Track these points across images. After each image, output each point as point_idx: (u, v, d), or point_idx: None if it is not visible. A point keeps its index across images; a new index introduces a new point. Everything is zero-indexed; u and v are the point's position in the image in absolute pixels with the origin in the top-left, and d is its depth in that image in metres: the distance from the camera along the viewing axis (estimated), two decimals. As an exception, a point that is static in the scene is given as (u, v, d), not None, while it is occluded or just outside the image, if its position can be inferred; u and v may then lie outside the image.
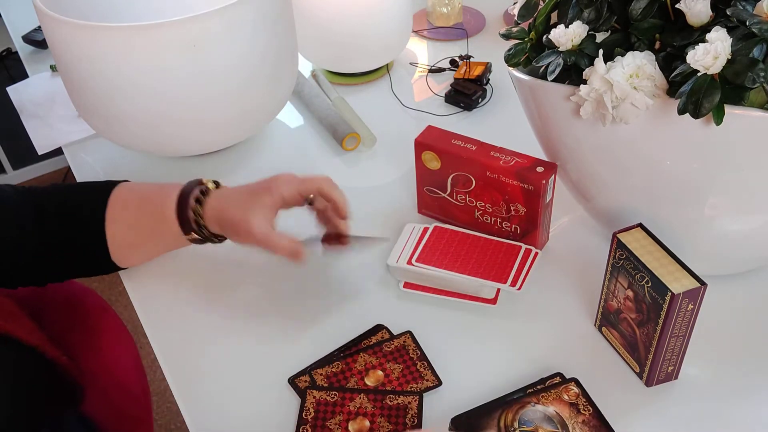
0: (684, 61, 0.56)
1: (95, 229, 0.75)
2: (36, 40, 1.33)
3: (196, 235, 0.75)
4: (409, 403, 0.67)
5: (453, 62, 1.16)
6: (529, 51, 0.71)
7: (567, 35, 0.64)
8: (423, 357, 0.72)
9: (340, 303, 0.80)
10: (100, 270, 0.78)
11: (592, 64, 0.62)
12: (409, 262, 0.78)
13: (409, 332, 0.74)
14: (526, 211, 0.79)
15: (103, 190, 0.77)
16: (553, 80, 0.66)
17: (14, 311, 0.75)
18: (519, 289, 0.75)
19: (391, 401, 0.67)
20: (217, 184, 0.77)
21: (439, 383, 0.69)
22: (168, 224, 0.75)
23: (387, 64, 1.17)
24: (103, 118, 0.91)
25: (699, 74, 0.56)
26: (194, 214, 0.74)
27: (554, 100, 0.68)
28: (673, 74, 0.58)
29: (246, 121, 0.96)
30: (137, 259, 0.81)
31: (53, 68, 1.26)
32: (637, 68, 0.59)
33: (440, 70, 1.16)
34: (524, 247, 0.79)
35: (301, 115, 1.11)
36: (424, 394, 0.68)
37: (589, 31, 0.65)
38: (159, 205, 0.75)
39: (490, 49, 1.19)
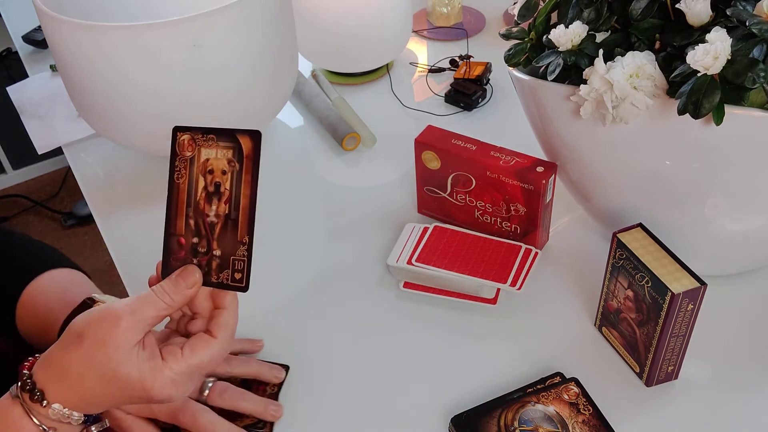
0: (684, 61, 0.56)
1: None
2: (36, 40, 1.33)
3: None
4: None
5: (453, 62, 1.16)
6: (529, 51, 0.71)
7: (567, 35, 0.64)
8: None
9: (340, 303, 0.80)
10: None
11: (592, 64, 0.62)
12: (409, 262, 0.78)
13: None
14: (526, 211, 0.79)
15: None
16: (553, 80, 0.66)
17: None
18: (519, 289, 0.75)
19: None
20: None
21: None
22: None
23: (387, 64, 1.17)
24: (103, 118, 0.91)
25: (699, 74, 0.56)
26: None
27: (554, 100, 0.68)
28: (673, 74, 0.58)
29: (246, 121, 0.96)
30: None
31: (53, 68, 1.26)
32: (637, 68, 0.59)
33: (440, 70, 1.16)
34: (524, 247, 0.79)
35: (301, 115, 1.11)
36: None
37: (589, 31, 0.65)
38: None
39: (490, 49, 1.19)
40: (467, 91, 1.07)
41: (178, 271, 0.55)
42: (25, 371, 0.54)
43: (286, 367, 0.72)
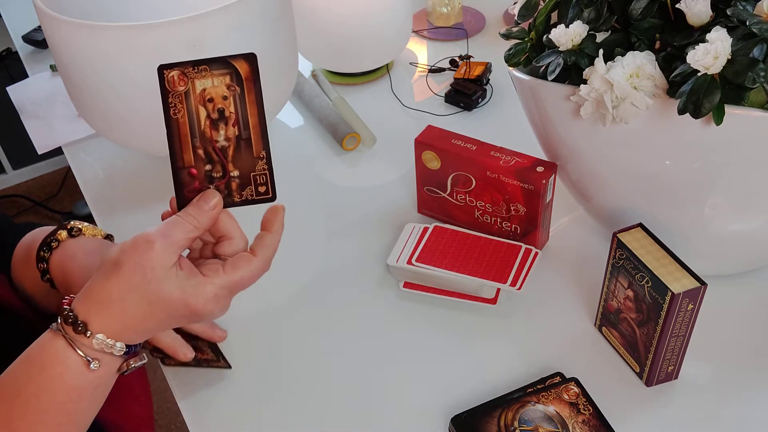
0: (684, 61, 0.56)
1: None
2: (36, 40, 1.33)
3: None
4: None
5: (453, 62, 1.16)
6: (529, 51, 0.71)
7: (567, 35, 0.64)
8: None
9: (340, 303, 0.80)
10: None
11: (592, 63, 0.62)
12: (409, 262, 0.78)
13: None
14: (526, 211, 0.79)
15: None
16: (553, 80, 0.66)
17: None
18: (519, 289, 0.75)
19: None
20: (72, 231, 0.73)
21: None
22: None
23: (387, 64, 1.17)
24: (103, 118, 0.91)
25: (699, 74, 0.56)
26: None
27: (554, 100, 0.68)
28: (673, 74, 0.58)
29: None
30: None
31: (53, 68, 1.26)
32: (637, 68, 0.59)
33: (440, 70, 1.16)
34: (524, 247, 0.79)
35: (301, 115, 1.11)
36: None
37: (589, 30, 0.65)
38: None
39: (490, 49, 1.19)
40: (467, 91, 1.07)
41: (199, 196, 0.57)
42: (65, 306, 0.55)
43: (228, 365, 0.73)
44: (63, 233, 0.72)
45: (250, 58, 0.55)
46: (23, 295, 0.75)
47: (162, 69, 0.56)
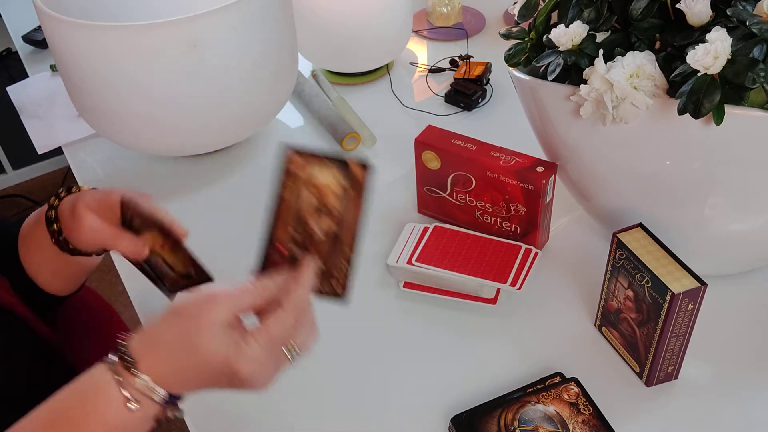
0: (684, 61, 0.56)
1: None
2: (36, 40, 1.33)
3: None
4: None
5: (453, 62, 1.16)
6: (529, 51, 0.71)
7: (567, 35, 0.64)
8: None
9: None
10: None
11: (592, 63, 0.62)
12: (409, 262, 0.78)
13: None
14: (526, 211, 0.79)
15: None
16: (553, 80, 0.66)
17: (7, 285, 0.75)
18: (519, 288, 0.75)
19: None
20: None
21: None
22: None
23: (387, 64, 1.17)
24: (103, 118, 0.91)
25: (699, 74, 0.56)
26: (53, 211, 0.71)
27: (554, 100, 0.68)
28: (673, 74, 0.58)
29: (246, 121, 0.96)
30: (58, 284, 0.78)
31: (53, 68, 1.26)
32: (637, 68, 0.59)
33: (440, 70, 1.16)
34: (524, 247, 0.79)
35: (301, 115, 1.11)
36: None
37: (589, 30, 0.65)
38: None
39: (490, 49, 1.19)
40: (467, 91, 1.07)
41: (289, 277, 0.57)
42: (120, 341, 0.56)
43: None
44: (85, 186, 0.73)
45: (367, 167, 0.56)
46: (28, 278, 0.75)
47: (287, 148, 0.57)
